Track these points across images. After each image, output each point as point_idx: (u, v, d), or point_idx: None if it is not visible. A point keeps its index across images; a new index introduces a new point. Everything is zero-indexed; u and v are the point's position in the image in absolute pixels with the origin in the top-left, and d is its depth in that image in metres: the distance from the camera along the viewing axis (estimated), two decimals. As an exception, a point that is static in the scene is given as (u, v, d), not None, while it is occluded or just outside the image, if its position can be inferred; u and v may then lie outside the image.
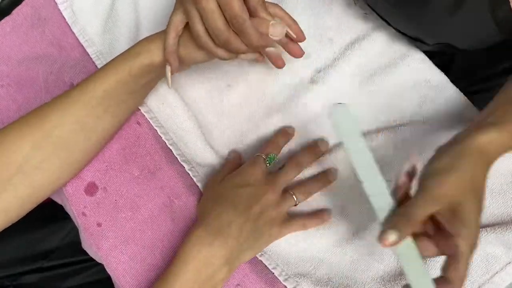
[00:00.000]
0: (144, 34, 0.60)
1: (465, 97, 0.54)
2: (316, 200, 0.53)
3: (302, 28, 0.58)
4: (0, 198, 0.45)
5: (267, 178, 0.50)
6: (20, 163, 0.46)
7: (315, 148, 0.53)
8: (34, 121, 0.47)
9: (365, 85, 0.56)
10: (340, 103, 0.44)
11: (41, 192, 0.48)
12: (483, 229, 0.48)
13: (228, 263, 0.46)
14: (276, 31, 0.45)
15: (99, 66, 0.60)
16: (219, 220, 0.47)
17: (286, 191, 0.51)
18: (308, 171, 0.54)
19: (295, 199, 0.51)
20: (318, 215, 0.51)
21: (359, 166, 0.42)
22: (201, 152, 0.55)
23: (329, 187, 0.53)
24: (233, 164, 0.54)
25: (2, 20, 0.63)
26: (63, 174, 0.50)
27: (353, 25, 0.57)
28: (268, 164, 0.51)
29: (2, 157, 0.45)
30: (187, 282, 0.45)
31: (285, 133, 0.55)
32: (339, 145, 0.54)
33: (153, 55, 0.48)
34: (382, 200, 0.41)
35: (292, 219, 0.51)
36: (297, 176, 0.53)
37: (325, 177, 0.52)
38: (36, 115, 0.48)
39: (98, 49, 0.61)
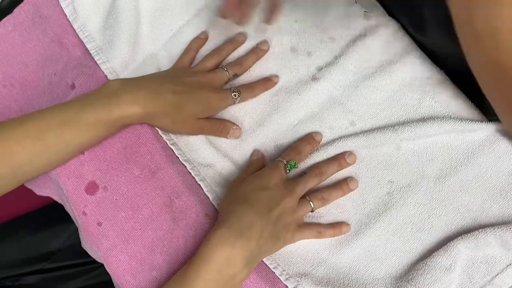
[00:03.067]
0: (145, 31, 0.61)
1: (465, 95, 0.54)
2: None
3: (303, 27, 0.58)
4: None
5: (286, 184, 0.50)
6: (16, 167, 0.47)
7: (340, 159, 0.53)
8: (33, 134, 0.47)
9: (366, 82, 0.56)
10: None
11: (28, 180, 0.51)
12: (483, 230, 0.48)
13: (248, 264, 0.46)
14: None
15: (98, 62, 0.60)
16: (241, 222, 0.46)
17: (303, 197, 0.51)
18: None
19: (312, 205, 0.51)
20: (336, 226, 0.51)
21: None
22: (202, 151, 0.55)
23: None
24: (256, 166, 0.54)
25: (4, 19, 0.63)
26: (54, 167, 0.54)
27: (354, 23, 0.57)
28: (288, 171, 0.51)
29: None
30: (209, 282, 0.44)
31: (311, 139, 0.54)
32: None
33: (132, 114, 0.50)
34: None
35: (307, 225, 0.51)
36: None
37: (346, 185, 0.52)
38: (34, 128, 0.48)
39: (97, 45, 0.61)
